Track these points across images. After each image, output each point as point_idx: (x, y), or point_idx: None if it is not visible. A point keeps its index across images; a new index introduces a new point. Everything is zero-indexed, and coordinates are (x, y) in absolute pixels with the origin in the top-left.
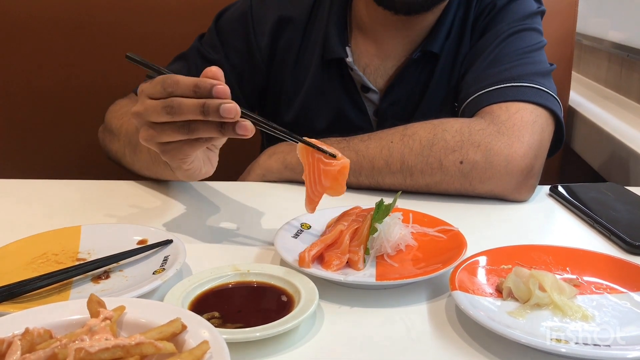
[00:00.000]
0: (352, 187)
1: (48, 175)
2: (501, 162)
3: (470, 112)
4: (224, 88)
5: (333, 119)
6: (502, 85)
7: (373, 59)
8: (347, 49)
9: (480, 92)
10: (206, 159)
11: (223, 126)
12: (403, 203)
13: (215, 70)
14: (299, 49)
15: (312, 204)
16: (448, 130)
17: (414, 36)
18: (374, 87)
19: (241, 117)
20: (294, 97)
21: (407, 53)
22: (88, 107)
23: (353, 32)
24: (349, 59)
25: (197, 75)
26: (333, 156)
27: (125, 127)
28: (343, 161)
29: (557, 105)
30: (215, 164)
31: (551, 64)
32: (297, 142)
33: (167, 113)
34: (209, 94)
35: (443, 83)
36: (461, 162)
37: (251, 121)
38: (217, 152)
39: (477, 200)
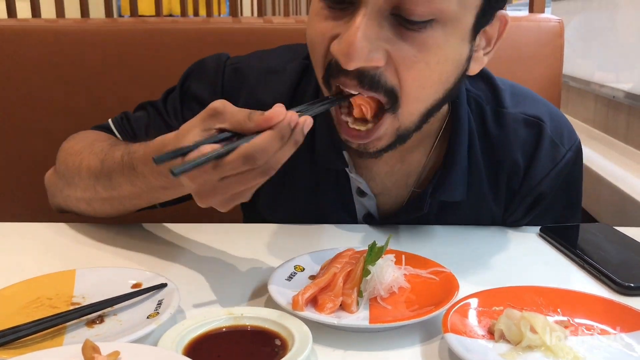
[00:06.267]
0: None
1: (41, 219)
2: None
3: None
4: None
5: (319, 221)
6: None
7: (364, 161)
8: (345, 153)
9: None
10: None
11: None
12: (395, 245)
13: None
14: None
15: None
16: None
17: (410, 150)
18: (371, 193)
19: None
20: (277, 196)
21: (403, 166)
22: None
23: None
24: (350, 166)
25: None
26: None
27: (86, 163)
28: None
29: None
30: None
31: None
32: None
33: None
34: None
35: (461, 222)
36: None
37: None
38: None
39: (469, 242)
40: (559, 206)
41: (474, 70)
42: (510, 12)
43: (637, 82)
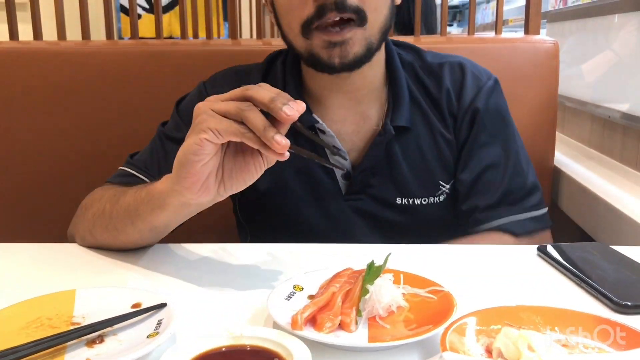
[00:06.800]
0: None
1: (41, 239)
2: None
3: (479, 223)
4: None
5: (305, 184)
6: (522, 218)
7: (332, 125)
8: (315, 116)
9: (500, 222)
10: (213, 183)
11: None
12: (394, 264)
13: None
14: None
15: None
16: None
17: (365, 102)
18: (343, 149)
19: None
20: None
21: (364, 122)
22: (79, 170)
23: (312, 102)
24: (321, 123)
25: (163, 158)
26: None
27: (122, 204)
28: None
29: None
30: (212, 194)
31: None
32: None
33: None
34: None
35: (422, 157)
36: None
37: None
38: (229, 188)
39: (466, 261)
40: (494, 124)
41: (397, 0)
42: (506, 33)
43: (633, 103)
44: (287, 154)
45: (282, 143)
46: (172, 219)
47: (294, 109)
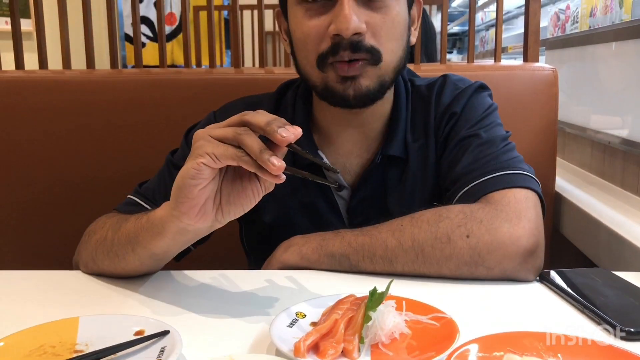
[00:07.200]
0: (367, 272)
1: (43, 266)
2: (505, 239)
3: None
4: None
5: (310, 218)
6: (493, 175)
7: (338, 158)
8: (320, 152)
9: (472, 184)
10: (210, 208)
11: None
12: (396, 290)
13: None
14: None
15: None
16: (451, 211)
17: (373, 137)
18: (347, 185)
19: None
20: (271, 198)
21: (369, 154)
22: (84, 197)
23: (319, 137)
24: (325, 160)
25: (169, 185)
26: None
27: (124, 231)
28: None
29: (539, 187)
30: (210, 220)
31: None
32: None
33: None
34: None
35: (416, 185)
36: (467, 236)
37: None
38: (225, 216)
39: (469, 287)
40: (472, 120)
41: (412, 41)
42: (505, 60)
43: (632, 129)
44: (283, 177)
45: (277, 164)
46: (171, 245)
47: (289, 131)
